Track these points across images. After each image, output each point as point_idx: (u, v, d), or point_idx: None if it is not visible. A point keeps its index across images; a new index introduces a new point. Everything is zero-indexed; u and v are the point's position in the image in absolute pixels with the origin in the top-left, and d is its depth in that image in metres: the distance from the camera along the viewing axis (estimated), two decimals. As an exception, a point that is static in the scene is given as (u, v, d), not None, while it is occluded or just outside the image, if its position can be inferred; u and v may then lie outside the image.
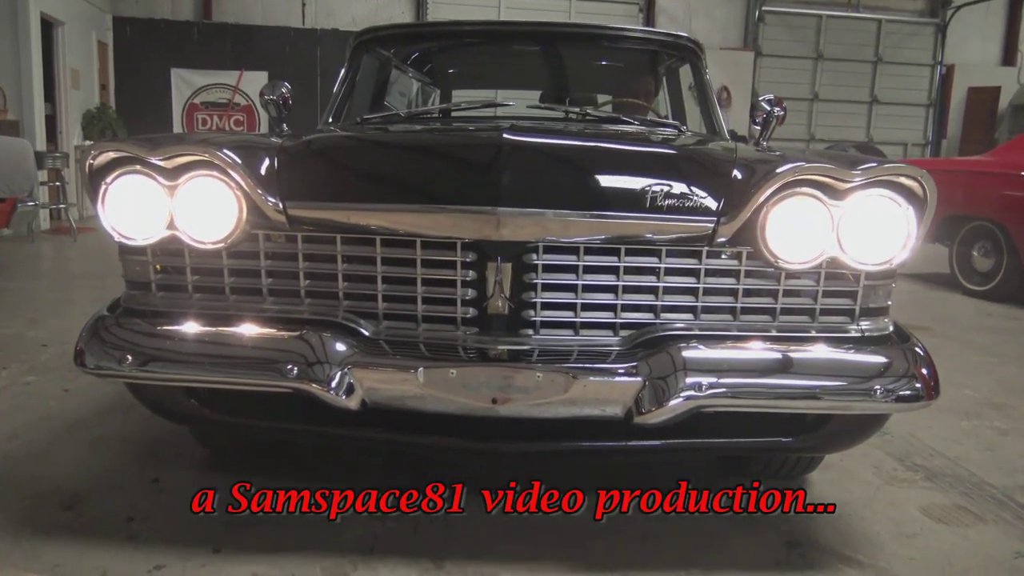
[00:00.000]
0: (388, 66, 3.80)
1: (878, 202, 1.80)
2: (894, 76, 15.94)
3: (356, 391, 1.78)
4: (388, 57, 3.71)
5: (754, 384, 1.78)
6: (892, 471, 2.56)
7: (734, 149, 2.13)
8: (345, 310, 1.90)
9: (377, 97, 3.72)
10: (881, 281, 1.90)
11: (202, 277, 1.94)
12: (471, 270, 1.84)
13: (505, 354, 1.83)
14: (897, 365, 1.82)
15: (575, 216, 1.78)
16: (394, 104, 3.96)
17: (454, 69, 4.29)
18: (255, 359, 1.80)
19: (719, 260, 1.87)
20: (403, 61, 3.92)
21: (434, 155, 2.05)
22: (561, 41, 3.63)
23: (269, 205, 1.83)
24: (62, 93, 9.67)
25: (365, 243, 1.86)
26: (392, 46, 3.62)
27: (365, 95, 3.69)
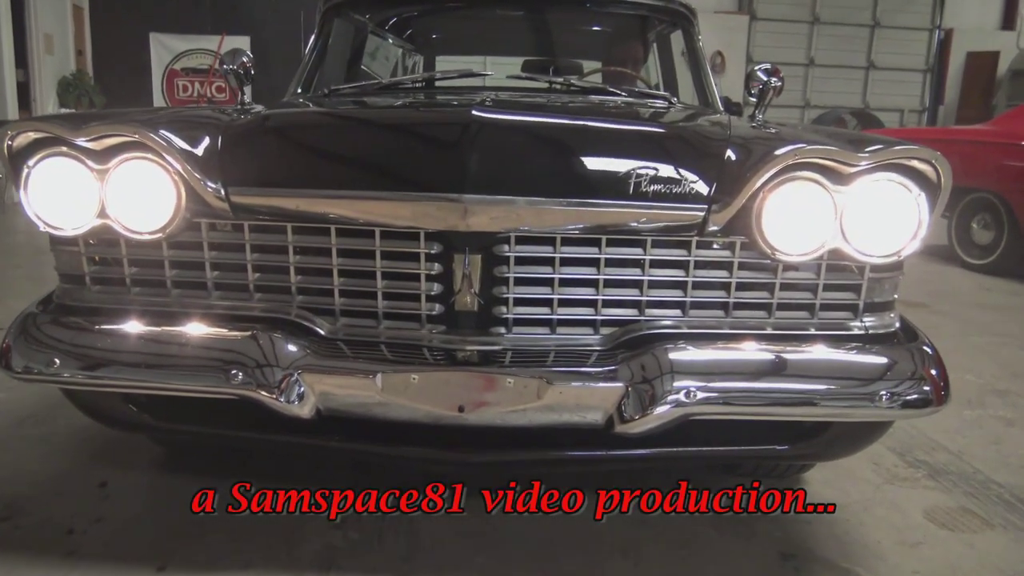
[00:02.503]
0: (364, 32, 3.58)
1: (886, 188, 1.62)
2: (891, 40, 15.69)
3: (308, 398, 1.61)
4: (363, 22, 3.49)
5: (748, 389, 1.62)
6: (892, 468, 2.41)
7: (727, 126, 1.94)
8: (299, 306, 1.73)
9: (352, 65, 3.51)
10: (887, 274, 1.73)
11: (141, 270, 1.76)
12: (436, 263, 1.67)
13: (474, 355, 1.66)
14: (903, 366, 1.66)
15: (550, 204, 1.59)
16: (379, 72, 3.75)
17: (434, 34, 4.06)
18: (195, 362, 1.62)
19: (710, 251, 1.70)
20: (381, 26, 3.70)
21: (394, 134, 1.85)
22: (546, 4, 3.41)
23: (209, 191, 1.64)
24: (35, 59, 9.35)
25: (319, 233, 1.68)
26: (366, 10, 3.40)
27: (340, 63, 3.49)
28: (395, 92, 2.86)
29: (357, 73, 3.49)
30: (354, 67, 3.51)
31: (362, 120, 2.01)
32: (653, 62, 3.73)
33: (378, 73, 3.74)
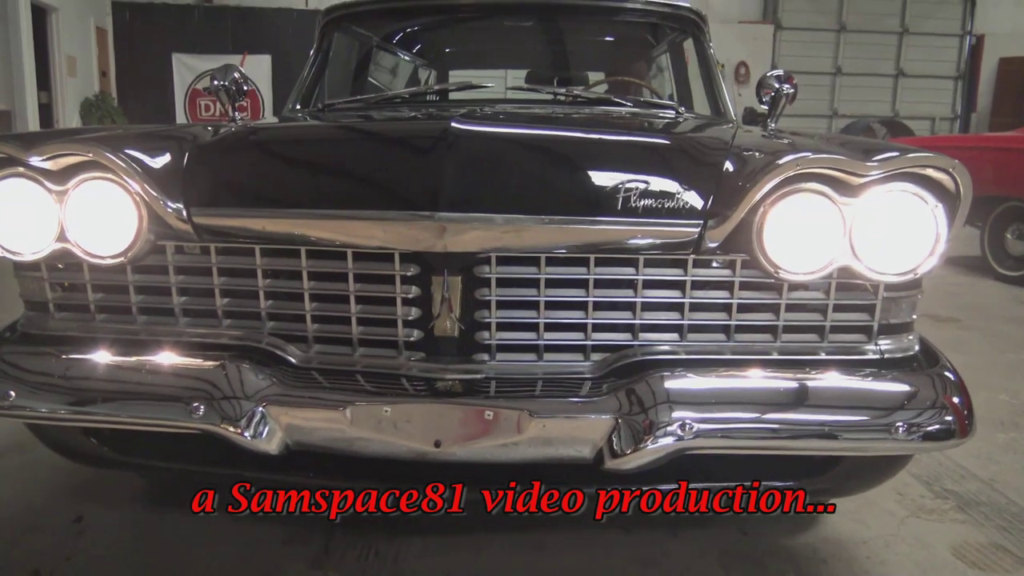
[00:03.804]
0: (369, 46, 3.50)
1: (900, 199, 1.48)
2: (921, 47, 15.40)
3: (275, 432, 1.50)
4: (365, 36, 3.41)
5: (752, 421, 1.49)
6: (918, 499, 2.24)
7: (732, 135, 1.81)
8: (270, 333, 1.63)
9: (357, 79, 3.44)
10: (904, 293, 1.59)
11: (106, 296, 1.68)
12: (413, 285, 1.56)
13: (456, 385, 1.55)
14: (923, 394, 1.52)
15: (532, 221, 1.48)
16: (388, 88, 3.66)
17: (438, 48, 3.97)
18: (156, 394, 1.53)
19: (708, 270, 1.57)
20: (385, 40, 3.62)
21: (367, 149, 1.74)
22: (553, 14, 3.30)
23: (169, 212, 1.55)
24: (57, 81, 9.45)
25: (289, 255, 1.58)
26: (367, 23, 3.31)
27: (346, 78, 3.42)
28: (390, 106, 2.76)
29: (362, 88, 3.41)
30: (359, 81, 3.44)
31: (333, 135, 1.91)
32: (667, 74, 3.62)
33: (387, 88, 3.66)
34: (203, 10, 11.99)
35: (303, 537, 1.95)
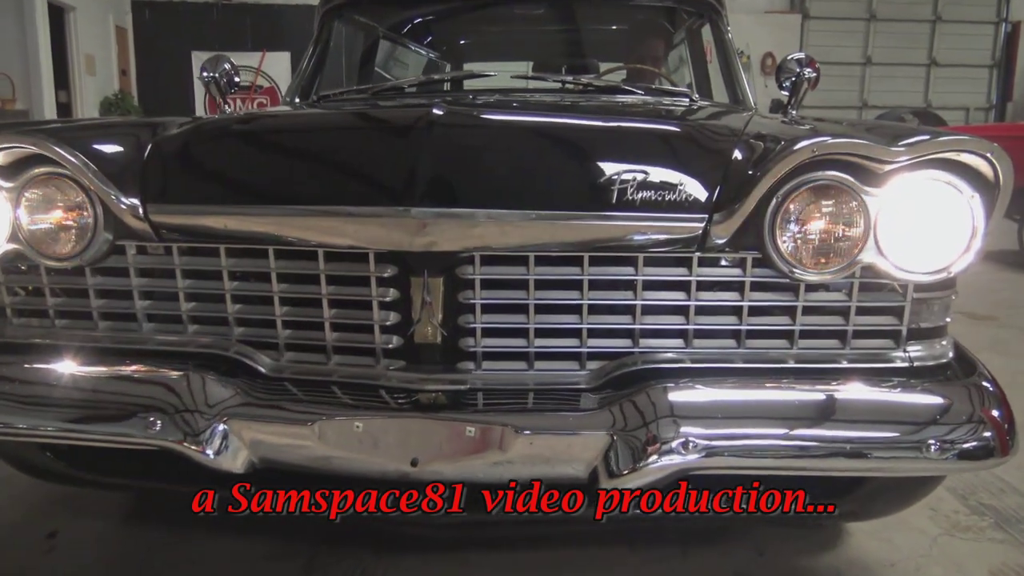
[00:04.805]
0: (372, 36, 3.38)
1: (931, 189, 1.32)
2: (954, 36, 15.00)
3: (239, 449, 1.38)
4: (367, 25, 3.29)
5: (765, 437, 1.34)
6: (952, 515, 2.07)
7: (745, 122, 1.65)
8: (239, 340, 1.50)
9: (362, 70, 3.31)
10: (936, 293, 1.42)
11: (66, 300, 1.56)
12: (391, 287, 1.42)
13: (440, 397, 1.41)
14: (958, 407, 1.35)
15: (517, 217, 1.33)
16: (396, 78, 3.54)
17: (444, 38, 3.81)
18: (111, 407, 1.40)
19: (716, 269, 1.42)
20: (389, 29, 3.48)
21: (338, 140, 1.59)
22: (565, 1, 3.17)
23: (123, 209, 1.42)
24: (76, 80, 9.45)
25: (256, 255, 1.45)
26: (367, 12, 3.18)
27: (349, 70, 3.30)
28: (387, 97, 2.63)
29: (367, 80, 3.28)
30: (363, 73, 3.31)
31: (303, 125, 1.77)
32: (685, 60, 3.46)
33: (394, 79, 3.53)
34: (223, 8, 11.95)
35: (288, 552, 1.82)
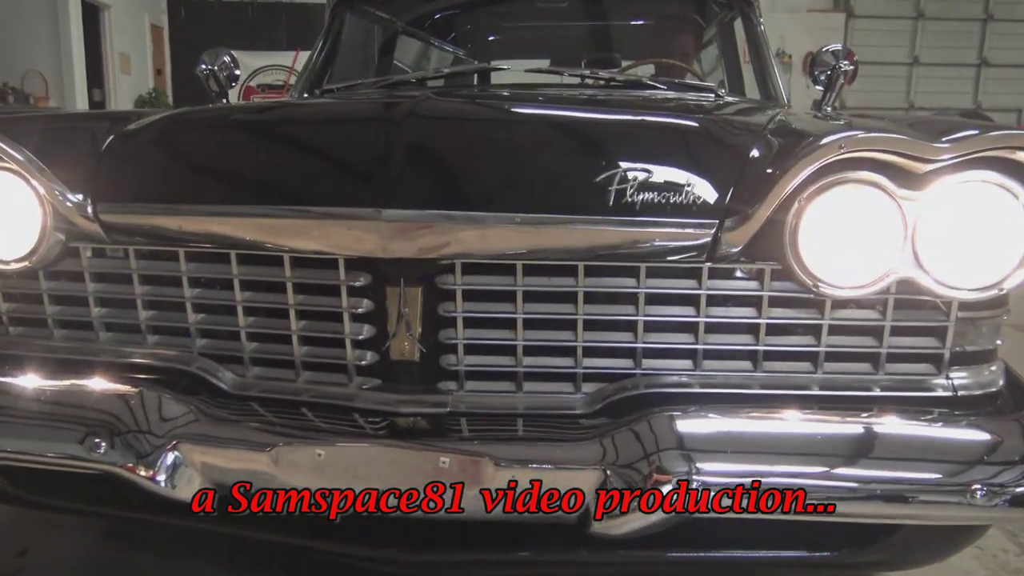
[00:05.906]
0: (389, 29, 3.26)
1: (979, 192, 1.14)
2: (1006, 35, 14.48)
3: (194, 477, 1.24)
4: (381, 18, 3.17)
5: (784, 476, 1.17)
6: (1001, 554, 1.86)
7: (770, 118, 1.46)
8: (201, 352, 1.37)
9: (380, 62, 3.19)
10: (984, 313, 1.24)
11: (20, 306, 1.44)
12: (364, 298, 1.28)
13: (420, 420, 1.27)
14: (1009, 444, 1.17)
15: (500, 221, 1.18)
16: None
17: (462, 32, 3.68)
18: (56, 425, 1.27)
19: (729, 282, 1.25)
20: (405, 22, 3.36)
21: (307, 135, 1.44)
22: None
23: (70, 208, 1.29)
24: (111, 78, 9.51)
25: (218, 260, 1.31)
26: (379, 4, 3.06)
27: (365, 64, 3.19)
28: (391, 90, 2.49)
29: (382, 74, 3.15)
30: (382, 64, 3.20)
31: (271, 118, 1.60)
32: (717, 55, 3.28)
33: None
34: (256, 6, 11.97)
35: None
